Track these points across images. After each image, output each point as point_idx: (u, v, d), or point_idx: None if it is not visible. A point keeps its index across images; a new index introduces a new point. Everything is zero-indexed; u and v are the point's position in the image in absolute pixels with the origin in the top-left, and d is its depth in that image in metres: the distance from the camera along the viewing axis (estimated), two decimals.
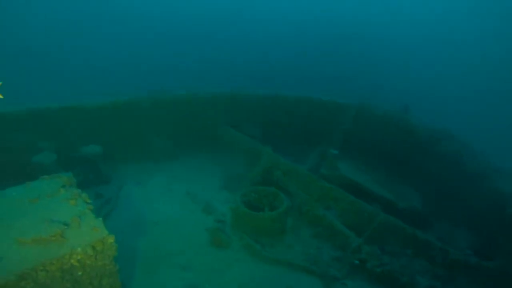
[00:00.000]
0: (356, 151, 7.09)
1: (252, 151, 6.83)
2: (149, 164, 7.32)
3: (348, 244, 5.20)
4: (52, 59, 17.07)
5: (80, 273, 3.19)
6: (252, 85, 9.29)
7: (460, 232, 5.69)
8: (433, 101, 16.52)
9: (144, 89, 7.97)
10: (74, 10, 24.65)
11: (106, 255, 3.32)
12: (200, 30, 26.77)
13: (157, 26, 25.98)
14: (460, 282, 4.59)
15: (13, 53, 16.34)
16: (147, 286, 4.40)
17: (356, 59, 22.96)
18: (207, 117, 7.73)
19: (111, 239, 3.30)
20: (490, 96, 19.92)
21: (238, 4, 32.59)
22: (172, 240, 5.23)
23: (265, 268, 4.90)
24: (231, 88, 7.98)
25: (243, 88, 8.23)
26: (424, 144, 6.97)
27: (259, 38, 26.45)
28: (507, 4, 28.39)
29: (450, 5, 32.90)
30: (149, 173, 7.05)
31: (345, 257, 5.07)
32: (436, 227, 5.88)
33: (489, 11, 30.33)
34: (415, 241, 4.87)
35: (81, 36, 21.37)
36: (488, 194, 5.76)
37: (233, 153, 7.34)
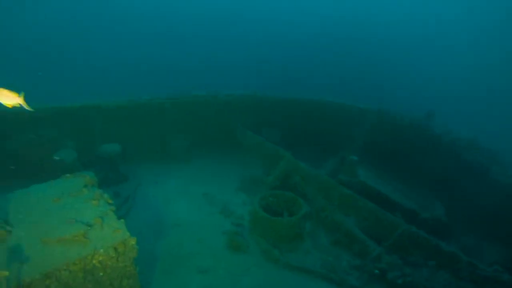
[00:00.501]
0: (376, 158, 6.93)
1: (271, 155, 6.76)
2: (167, 164, 7.35)
3: (367, 253, 5.08)
4: (52, 59, 17.29)
5: (101, 273, 3.19)
6: (264, 87, 9.24)
7: (487, 246, 5.48)
8: (442, 102, 16.17)
9: (147, 89, 8.01)
10: (74, 10, 24.94)
11: (127, 256, 3.32)
12: (218, 33, 26.86)
13: (159, 27, 26.05)
14: None
15: (13, 53, 16.58)
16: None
17: (372, 62, 22.71)
18: (225, 119, 7.71)
19: (132, 241, 3.30)
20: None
21: (253, 7, 32.51)
22: (190, 242, 5.21)
23: (283, 274, 4.83)
24: (250, 90, 7.95)
25: (260, 90, 8.19)
26: (448, 152, 6.77)
27: (267, 39, 26.36)
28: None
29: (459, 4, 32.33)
30: (167, 174, 7.08)
31: (365, 266, 4.95)
32: (460, 239, 5.68)
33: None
34: (439, 253, 4.70)
35: (81, 36, 21.57)
36: None
37: (251, 156, 7.30)
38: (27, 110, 3.11)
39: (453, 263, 4.55)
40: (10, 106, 3.00)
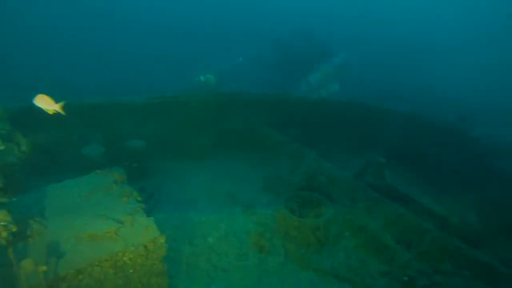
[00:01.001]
0: (405, 161, 6.73)
1: (296, 155, 6.68)
2: (190, 162, 7.37)
3: (395, 259, 4.93)
4: (52, 59, 17.40)
5: (131, 271, 3.21)
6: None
7: None
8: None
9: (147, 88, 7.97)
10: (76, 9, 25.05)
11: (156, 254, 3.32)
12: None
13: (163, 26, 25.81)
14: None
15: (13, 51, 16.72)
16: (188, 286, 4.38)
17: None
18: (250, 117, 7.67)
19: (162, 239, 3.31)
20: None
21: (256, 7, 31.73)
22: (212, 241, 5.19)
23: (307, 276, 4.75)
24: (275, 89, 7.90)
25: (284, 89, 8.12)
26: (482, 157, 6.49)
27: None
28: None
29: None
30: (190, 172, 7.10)
31: (392, 272, 4.80)
32: (496, 250, 5.43)
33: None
34: (473, 263, 4.50)
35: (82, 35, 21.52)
36: None
37: (275, 155, 7.23)
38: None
39: (490, 276, 4.34)
40: (50, 112, 3.42)
